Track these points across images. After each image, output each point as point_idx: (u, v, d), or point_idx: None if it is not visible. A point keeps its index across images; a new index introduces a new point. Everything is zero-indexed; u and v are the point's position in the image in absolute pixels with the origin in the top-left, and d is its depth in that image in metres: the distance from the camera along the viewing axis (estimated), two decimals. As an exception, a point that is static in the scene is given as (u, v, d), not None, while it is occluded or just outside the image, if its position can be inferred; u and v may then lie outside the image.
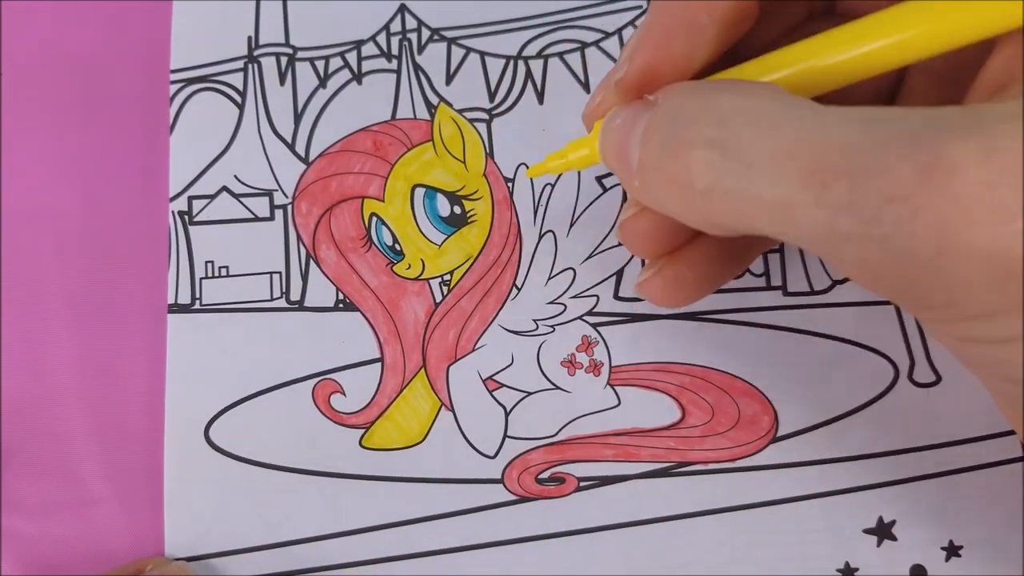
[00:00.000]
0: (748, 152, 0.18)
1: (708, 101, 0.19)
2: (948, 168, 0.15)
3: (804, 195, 0.17)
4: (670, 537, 0.27)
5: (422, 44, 0.32)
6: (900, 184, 0.16)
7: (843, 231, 0.17)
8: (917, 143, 0.16)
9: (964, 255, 0.15)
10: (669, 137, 0.19)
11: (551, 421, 0.28)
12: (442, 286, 0.29)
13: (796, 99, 0.18)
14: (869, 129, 0.16)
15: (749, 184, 0.18)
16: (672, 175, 0.19)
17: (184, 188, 0.30)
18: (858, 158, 0.16)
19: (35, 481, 0.28)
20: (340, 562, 0.27)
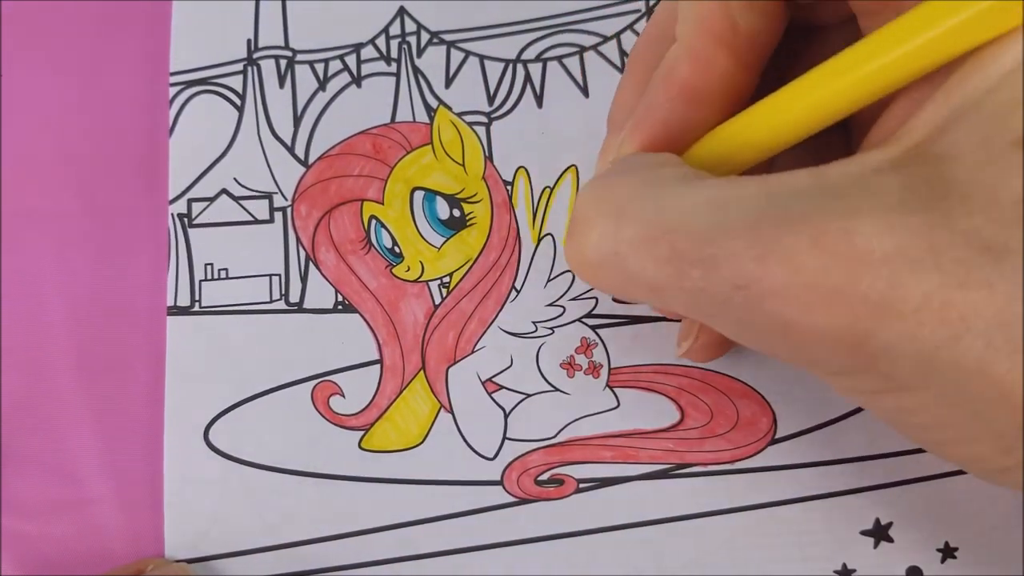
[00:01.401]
0: (617, 241, 0.19)
1: (599, 192, 0.20)
2: (782, 259, 0.17)
3: (668, 279, 0.18)
4: (669, 539, 0.27)
5: (421, 47, 0.32)
6: (744, 273, 0.17)
7: (706, 310, 0.19)
8: (757, 234, 0.17)
9: (809, 334, 0.17)
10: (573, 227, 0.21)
11: (550, 423, 0.28)
12: (441, 288, 0.29)
13: (668, 179, 0.20)
14: (717, 217, 0.18)
15: (624, 267, 0.19)
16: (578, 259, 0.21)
17: (183, 191, 0.31)
18: (706, 247, 0.18)
19: (35, 481, 0.28)
20: (339, 564, 0.27)
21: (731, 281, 0.17)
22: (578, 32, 0.32)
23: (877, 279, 0.16)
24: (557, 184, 0.30)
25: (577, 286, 0.29)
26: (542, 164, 0.31)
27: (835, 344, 0.17)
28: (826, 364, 0.18)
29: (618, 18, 0.32)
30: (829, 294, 0.16)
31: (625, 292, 0.21)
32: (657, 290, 0.19)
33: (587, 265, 0.20)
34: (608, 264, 0.20)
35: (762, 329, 0.18)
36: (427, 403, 0.29)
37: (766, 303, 0.17)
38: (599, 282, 0.21)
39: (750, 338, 0.19)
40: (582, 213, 0.20)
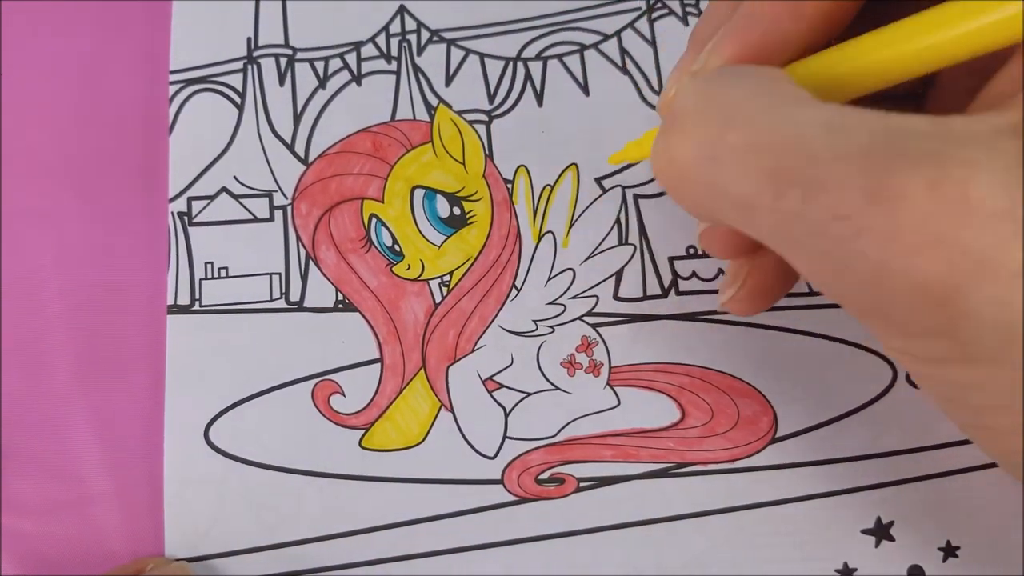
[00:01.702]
0: (718, 145, 0.18)
1: (706, 91, 0.19)
2: (892, 196, 0.16)
3: (763, 196, 0.17)
4: (670, 537, 0.27)
5: (421, 45, 0.32)
6: (846, 203, 0.16)
7: (794, 236, 0.17)
8: (869, 164, 0.16)
9: (900, 280, 0.16)
10: (669, 124, 0.20)
11: (551, 422, 0.28)
12: (442, 287, 0.29)
13: (782, 94, 0.18)
14: (832, 139, 0.17)
15: (717, 176, 0.18)
16: (668, 158, 0.20)
17: (183, 189, 0.30)
18: (813, 169, 0.17)
19: (35, 481, 0.28)
20: (340, 563, 0.27)
21: (833, 209, 0.16)
22: (578, 30, 0.32)
23: (983, 233, 0.15)
24: (557, 182, 0.30)
25: (577, 284, 0.29)
26: (542, 162, 0.31)
27: (923, 296, 0.16)
28: (902, 320, 0.17)
29: (618, 16, 0.32)
30: (932, 240, 0.15)
31: (707, 205, 0.19)
32: (745, 207, 0.18)
33: (676, 167, 0.19)
34: (700, 169, 0.19)
35: (849, 267, 0.17)
36: (427, 402, 0.29)
37: (863, 238, 0.16)
38: (682, 189, 0.20)
39: (829, 277, 0.18)
40: (683, 109, 0.19)
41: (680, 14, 0.32)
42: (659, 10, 0.32)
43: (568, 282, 0.29)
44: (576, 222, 0.30)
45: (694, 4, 0.32)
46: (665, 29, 0.32)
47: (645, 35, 0.32)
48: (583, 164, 0.30)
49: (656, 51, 0.32)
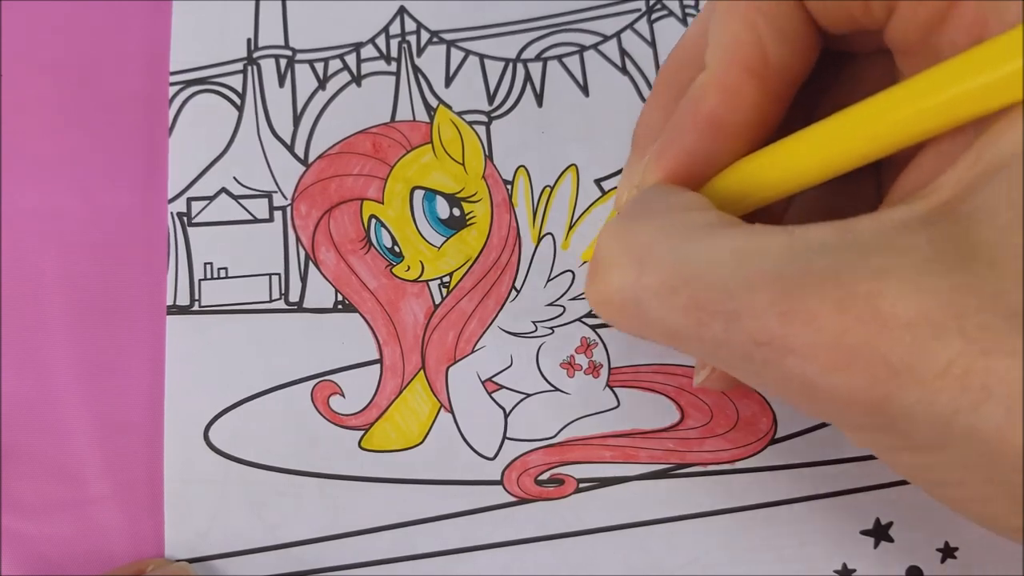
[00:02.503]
0: (637, 289, 0.19)
1: (620, 235, 0.20)
2: (805, 319, 0.16)
3: (687, 329, 0.18)
4: (669, 538, 0.27)
5: (421, 46, 0.32)
6: (764, 330, 0.17)
7: (724, 360, 0.18)
8: (779, 290, 0.17)
9: (829, 394, 0.17)
10: (593, 269, 0.21)
11: (550, 423, 0.28)
12: (441, 288, 0.29)
13: (691, 226, 0.19)
14: (741, 268, 0.17)
15: (643, 315, 0.19)
16: (597, 300, 0.21)
17: (183, 190, 0.30)
18: (729, 300, 0.17)
19: (35, 481, 0.28)
20: (339, 564, 0.27)
21: (752, 336, 0.17)
22: (578, 31, 0.32)
23: (899, 344, 0.16)
24: (557, 183, 0.30)
25: (577, 286, 0.29)
26: (542, 163, 0.31)
27: (854, 404, 0.17)
28: (846, 421, 0.18)
29: (618, 17, 0.32)
30: (850, 356, 0.16)
31: (644, 336, 0.21)
32: (677, 338, 0.19)
33: (607, 308, 0.20)
34: (628, 309, 0.20)
35: (781, 384, 0.18)
36: (427, 403, 0.29)
37: (787, 360, 0.17)
38: (619, 324, 0.21)
39: (769, 390, 0.19)
40: (604, 255, 0.20)
41: (679, 15, 0.32)
42: (659, 11, 0.32)
43: (568, 283, 0.29)
44: (576, 223, 0.30)
45: (693, 5, 0.32)
46: (665, 30, 0.32)
47: (645, 36, 0.32)
48: (583, 165, 0.30)
49: (656, 52, 0.32)
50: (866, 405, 0.16)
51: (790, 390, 0.18)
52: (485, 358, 0.29)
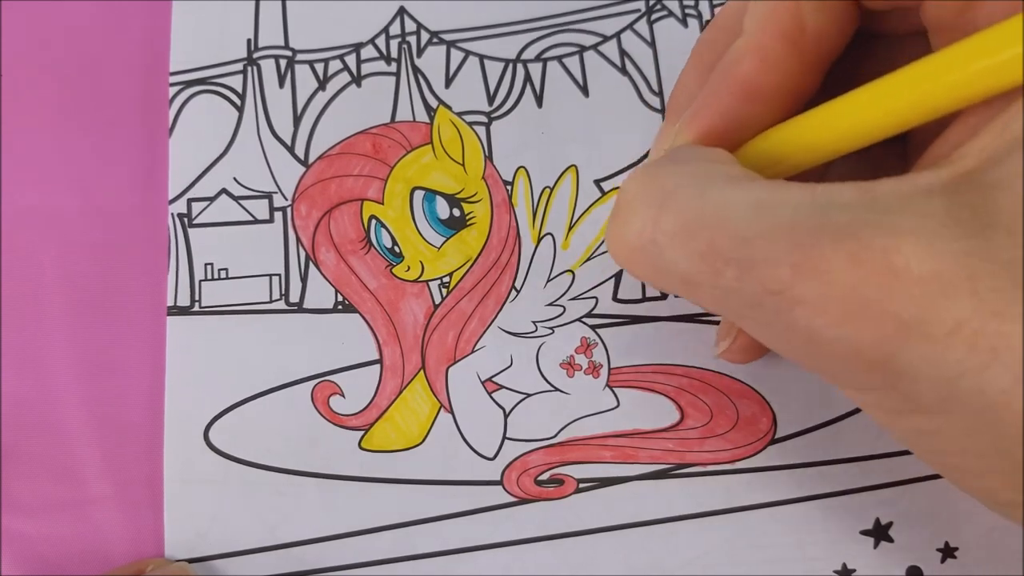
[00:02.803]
0: (655, 230, 0.19)
1: (645, 179, 0.20)
2: (817, 270, 0.17)
3: (701, 275, 0.18)
4: (669, 538, 0.27)
5: (421, 47, 0.32)
6: (777, 279, 0.17)
7: (735, 308, 0.19)
8: (794, 240, 0.17)
9: (835, 347, 0.17)
10: (616, 210, 0.21)
11: (550, 423, 0.28)
12: (441, 288, 0.29)
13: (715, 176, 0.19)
14: (759, 218, 0.18)
15: (658, 258, 0.19)
16: (616, 241, 0.21)
17: (183, 190, 0.31)
18: (743, 248, 0.18)
19: (35, 481, 0.28)
20: (339, 564, 0.27)
21: (764, 285, 0.17)
22: (578, 32, 0.32)
23: (910, 299, 0.16)
24: (557, 184, 0.30)
25: (577, 286, 0.29)
26: (542, 164, 0.31)
27: (859, 359, 0.17)
28: (849, 378, 0.18)
29: (618, 18, 0.32)
30: (860, 308, 0.16)
31: (658, 282, 0.21)
32: (689, 284, 0.19)
33: (624, 250, 0.20)
34: (645, 252, 0.20)
35: (789, 336, 0.18)
36: (427, 403, 0.29)
37: (796, 311, 0.17)
38: (634, 269, 0.21)
39: (776, 342, 0.19)
40: (626, 198, 0.20)
41: (679, 16, 0.32)
42: (658, 12, 0.32)
43: (568, 283, 0.29)
44: (576, 224, 0.30)
45: (693, 6, 0.32)
46: (664, 31, 0.32)
47: (645, 37, 0.32)
48: (583, 166, 0.30)
49: (656, 52, 0.32)
50: (872, 361, 0.16)
51: (796, 342, 0.18)
52: (485, 358, 0.29)
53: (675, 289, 0.20)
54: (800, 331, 0.17)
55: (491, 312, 0.29)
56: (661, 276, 0.20)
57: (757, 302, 0.18)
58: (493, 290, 0.29)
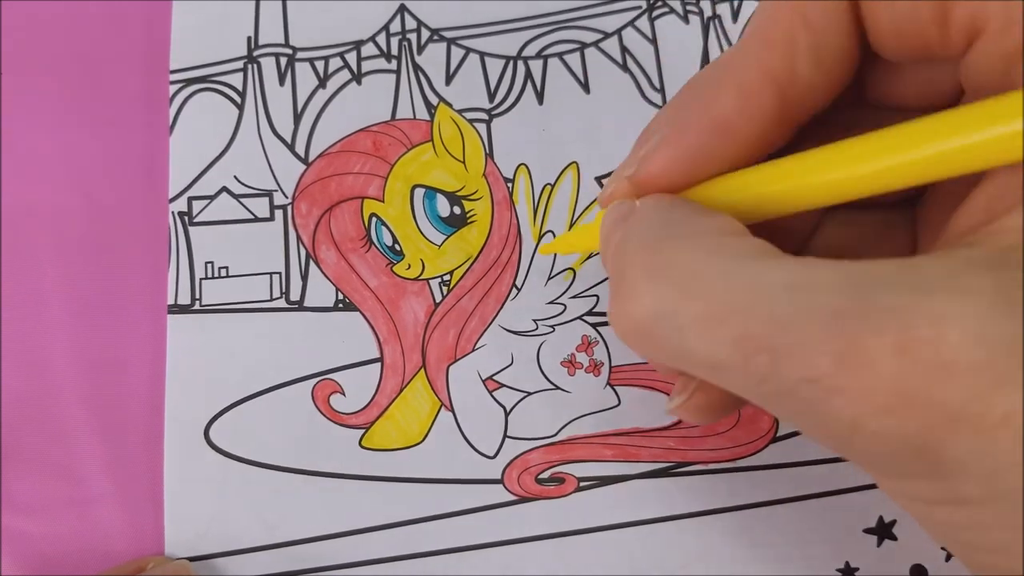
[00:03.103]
0: (679, 315, 0.18)
1: (655, 256, 0.19)
2: (860, 359, 0.16)
3: (731, 360, 0.17)
4: (670, 537, 0.27)
5: (422, 44, 0.32)
6: (815, 367, 0.16)
7: (765, 395, 0.17)
8: (835, 327, 0.16)
9: (876, 436, 0.16)
10: (621, 287, 0.19)
11: (551, 421, 0.28)
12: (442, 286, 0.29)
13: (736, 252, 0.18)
14: (795, 302, 0.17)
15: (682, 342, 0.18)
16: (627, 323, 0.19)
17: (184, 189, 0.30)
18: (779, 334, 0.16)
19: (35, 480, 0.28)
20: (339, 562, 0.27)
21: (802, 372, 0.16)
22: (579, 29, 0.32)
23: (959, 389, 0.15)
24: (558, 181, 0.30)
25: (578, 284, 0.29)
26: (543, 161, 0.30)
27: (903, 449, 0.16)
28: (889, 467, 0.17)
29: (619, 14, 0.32)
30: (905, 399, 0.15)
31: (676, 364, 0.19)
32: (716, 368, 0.18)
33: (638, 333, 0.19)
34: (664, 336, 0.18)
35: (826, 424, 0.17)
36: (428, 401, 0.28)
37: (834, 400, 0.16)
38: (646, 351, 0.20)
39: (806, 428, 0.18)
40: (634, 276, 0.19)
41: (680, 12, 0.32)
42: (660, 8, 0.32)
43: (568, 281, 0.29)
44: (577, 221, 0.30)
45: (694, 3, 0.32)
46: (666, 27, 0.32)
47: (646, 33, 0.32)
48: (583, 163, 0.30)
49: (657, 49, 0.32)
50: (915, 450, 0.16)
51: (834, 431, 0.17)
52: (486, 356, 0.29)
53: (698, 372, 0.19)
54: (840, 420, 0.16)
55: (492, 310, 0.29)
56: (681, 360, 0.19)
57: (791, 390, 0.17)
58: (494, 288, 0.29)
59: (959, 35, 0.18)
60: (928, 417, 0.15)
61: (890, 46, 0.19)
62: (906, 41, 0.19)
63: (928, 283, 0.16)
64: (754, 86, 0.20)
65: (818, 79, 0.20)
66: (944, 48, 0.18)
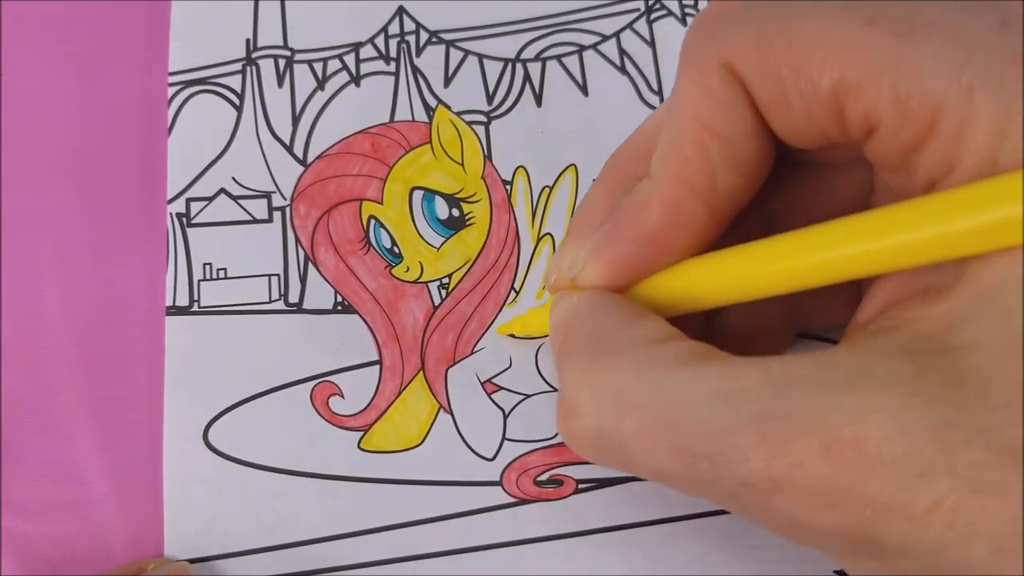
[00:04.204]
0: (619, 432, 0.19)
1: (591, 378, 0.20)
2: (790, 462, 0.16)
3: (674, 468, 0.18)
4: (669, 538, 0.27)
5: (420, 46, 0.32)
6: (751, 472, 0.17)
7: (714, 497, 0.18)
8: (764, 433, 0.17)
9: (817, 530, 0.17)
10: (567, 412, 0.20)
11: (550, 423, 0.28)
12: (440, 289, 0.29)
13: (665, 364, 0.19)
14: (722, 412, 0.17)
15: (626, 455, 0.19)
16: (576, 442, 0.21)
17: (182, 190, 0.31)
18: (713, 443, 0.17)
19: (35, 481, 0.28)
20: (338, 564, 0.27)
21: (739, 478, 0.17)
22: (577, 31, 0.32)
23: (886, 483, 0.16)
24: (556, 183, 0.30)
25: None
26: (541, 163, 0.31)
27: (842, 539, 0.17)
28: (837, 554, 0.18)
29: (617, 17, 0.32)
30: (837, 496, 0.16)
31: (628, 471, 0.21)
32: (663, 476, 0.19)
33: (585, 449, 0.20)
34: (609, 450, 0.20)
35: (771, 521, 0.18)
36: (426, 404, 0.29)
37: (774, 500, 0.17)
38: (599, 462, 0.21)
39: (757, 523, 0.19)
40: (574, 397, 0.20)
41: (679, 15, 0.32)
42: (658, 11, 0.32)
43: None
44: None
45: (692, 5, 0.32)
46: (664, 30, 0.32)
47: (644, 36, 0.32)
48: (582, 165, 0.30)
49: (655, 52, 0.32)
50: (854, 540, 0.16)
51: (779, 526, 0.18)
52: (484, 359, 0.29)
53: (646, 476, 0.20)
54: (781, 518, 0.17)
55: (490, 313, 0.29)
56: (629, 467, 0.20)
57: (734, 492, 0.17)
58: (492, 291, 0.29)
59: (857, 130, 0.18)
60: (861, 511, 0.16)
61: (794, 142, 0.20)
62: (807, 139, 0.19)
63: (846, 379, 0.17)
64: (679, 200, 0.20)
65: (739, 182, 0.20)
66: (845, 138, 0.19)
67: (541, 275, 0.29)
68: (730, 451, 0.17)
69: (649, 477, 0.20)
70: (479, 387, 0.29)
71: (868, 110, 0.17)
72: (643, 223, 0.21)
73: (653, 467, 0.19)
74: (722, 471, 0.17)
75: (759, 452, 0.17)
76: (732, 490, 0.17)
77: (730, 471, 0.17)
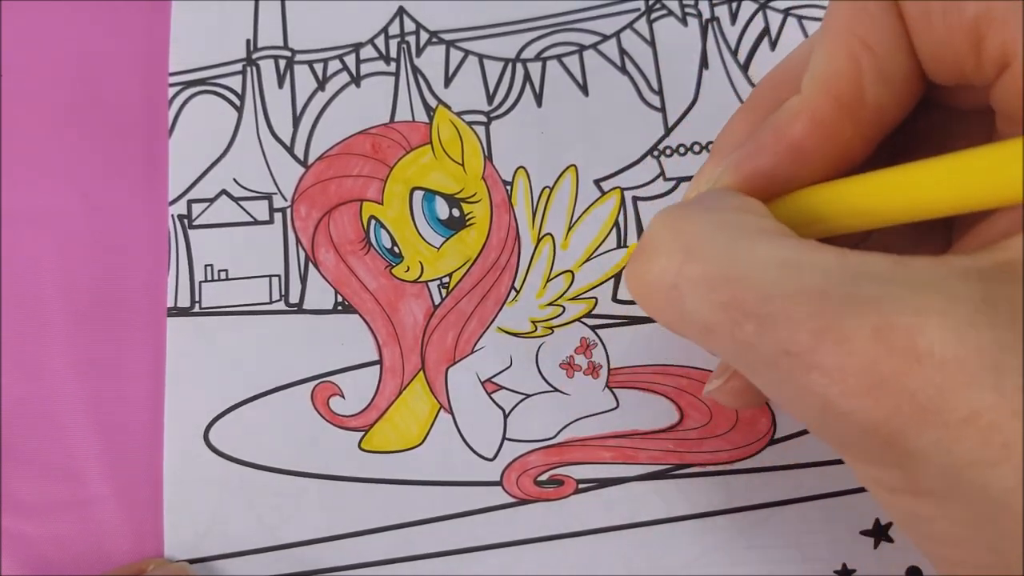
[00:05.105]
0: (678, 275, 0.19)
1: (673, 222, 0.20)
2: (838, 339, 0.16)
3: (720, 325, 0.18)
4: (669, 539, 0.27)
5: (420, 47, 0.32)
6: (796, 341, 0.17)
7: (750, 363, 0.18)
8: (818, 306, 0.17)
9: (846, 418, 0.17)
10: (639, 250, 0.21)
11: (550, 423, 0.28)
12: (441, 289, 0.29)
13: (744, 228, 0.19)
14: (784, 278, 0.17)
15: (678, 303, 0.19)
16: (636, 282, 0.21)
17: (183, 191, 0.31)
18: (765, 306, 0.17)
19: (35, 481, 0.28)
20: (339, 564, 0.27)
21: (783, 345, 0.17)
22: (577, 31, 0.32)
23: (929, 382, 0.15)
24: (556, 183, 0.30)
25: (576, 286, 0.29)
26: (541, 163, 0.31)
27: (869, 433, 0.16)
28: (856, 449, 0.18)
29: (617, 17, 0.32)
30: (876, 383, 0.16)
31: (677, 327, 0.20)
32: (707, 332, 0.19)
33: (643, 290, 0.20)
34: (665, 296, 0.19)
35: (801, 399, 0.17)
36: (427, 404, 0.29)
37: (812, 375, 0.17)
38: (653, 311, 0.21)
39: (786, 403, 0.19)
40: (650, 239, 0.20)
41: (679, 15, 0.32)
42: (658, 11, 0.32)
43: (567, 284, 0.29)
44: (575, 224, 0.30)
45: (692, 5, 0.32)
46: (664, 30, 0.32)
47: (644, 36, 0.32)
48: (582, 165, 0.30)
49: (655, 52, 0.32)
50: (882, 436, 0.16)
51: (808, 406, 0.17)
52: (484, 359, 0.29)
53: (692, 335, 0.20)
54: (814, 396, 0.17)
55: (491, 312, 0.29)
56: (679, 321, 0.20)
57: (773, 361, 0.17)
58: (492, 291, 0.29)
59: (990, 65, 0.18)
60: (897, 404, 0.16)
61: (931, 72, 0.20)
62: (943, 71, 0.19)
63: (917, 281, 0.16)
64: (826, 113, 0.20)
65: (887, 100, 0.20)
66: (978, 74, 0.19)
67: (541, 275, 0.29)
68: (781, 316, 0.17)
69: (693, 335, 0.19)
70: (479, 387, 0.29)
71: (1007, 41, 0.17)
72: (788, 135, 0.21)
73: (701, 320, 0.18)
74: (767, 335, 0.17)
75: (810, 324, 0.17)
76: (771, 358, 0.17)
77: (775, 336, 0.17)
